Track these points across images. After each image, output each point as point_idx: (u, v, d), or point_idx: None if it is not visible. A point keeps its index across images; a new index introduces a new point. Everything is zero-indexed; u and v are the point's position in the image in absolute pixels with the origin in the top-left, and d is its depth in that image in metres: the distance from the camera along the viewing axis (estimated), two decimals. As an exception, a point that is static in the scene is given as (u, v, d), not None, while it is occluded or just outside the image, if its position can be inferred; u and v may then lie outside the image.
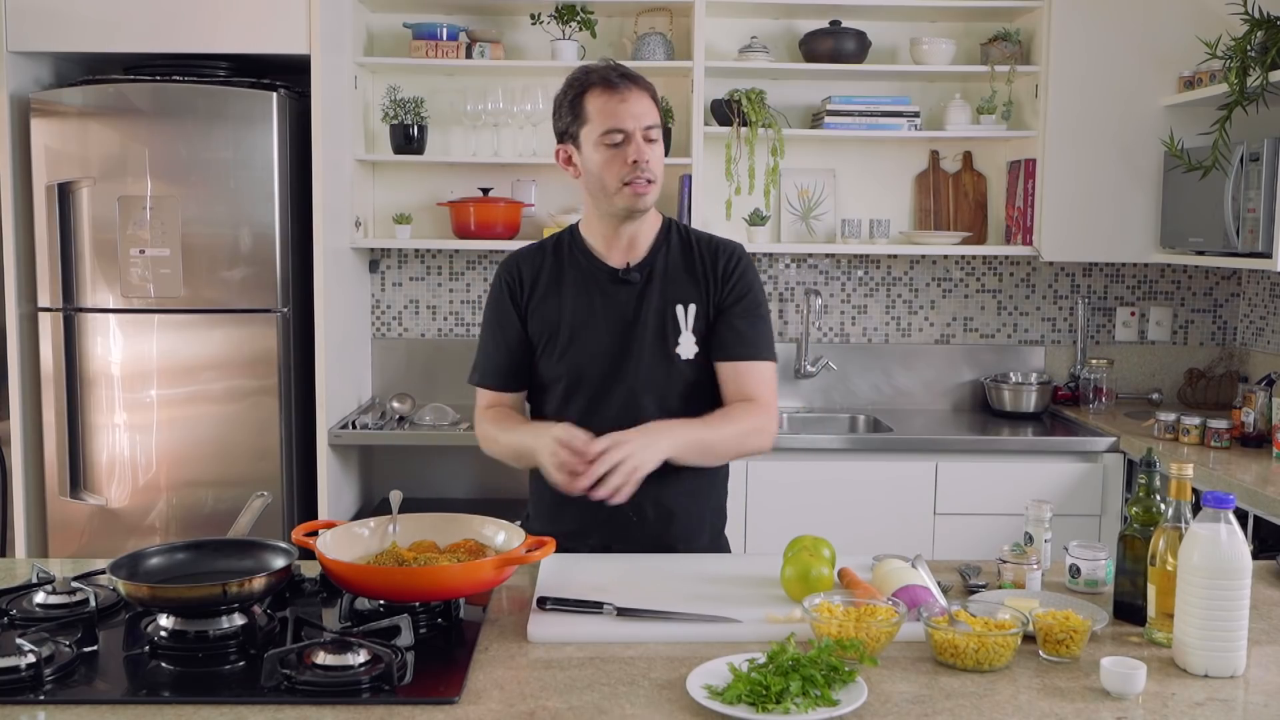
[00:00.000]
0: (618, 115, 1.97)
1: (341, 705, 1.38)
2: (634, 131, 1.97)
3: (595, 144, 1.98)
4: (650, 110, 2.00)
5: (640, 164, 1.97)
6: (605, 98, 1.98)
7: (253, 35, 3.26)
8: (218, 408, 3.31)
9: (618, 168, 1.98)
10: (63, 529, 3.34)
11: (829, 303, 4.00)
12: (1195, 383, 3.86)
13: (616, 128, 1.97)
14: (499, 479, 3.72)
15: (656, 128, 2.00)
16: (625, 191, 1.99)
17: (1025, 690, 1.45)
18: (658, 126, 2.01)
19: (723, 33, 3.82)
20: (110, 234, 3.25)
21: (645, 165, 1.97)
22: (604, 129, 1.97)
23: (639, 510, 2.05)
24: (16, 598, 1.71)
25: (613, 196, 2.00)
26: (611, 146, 1.97)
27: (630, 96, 1.98)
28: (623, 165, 1.97)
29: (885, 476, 3.39)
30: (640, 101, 1.99)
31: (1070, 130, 3.61)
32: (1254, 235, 3.11)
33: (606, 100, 1.97)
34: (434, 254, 3.96)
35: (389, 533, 1.79)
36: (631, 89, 1.99)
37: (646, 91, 2.01)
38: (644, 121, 1.98)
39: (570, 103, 2.01)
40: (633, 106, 1.97)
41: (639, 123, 1.97)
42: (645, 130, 1.98)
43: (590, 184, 2.03)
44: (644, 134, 1.98)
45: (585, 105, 1.99)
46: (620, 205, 2.01)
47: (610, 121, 1.97)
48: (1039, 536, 1.93)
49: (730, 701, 1.35)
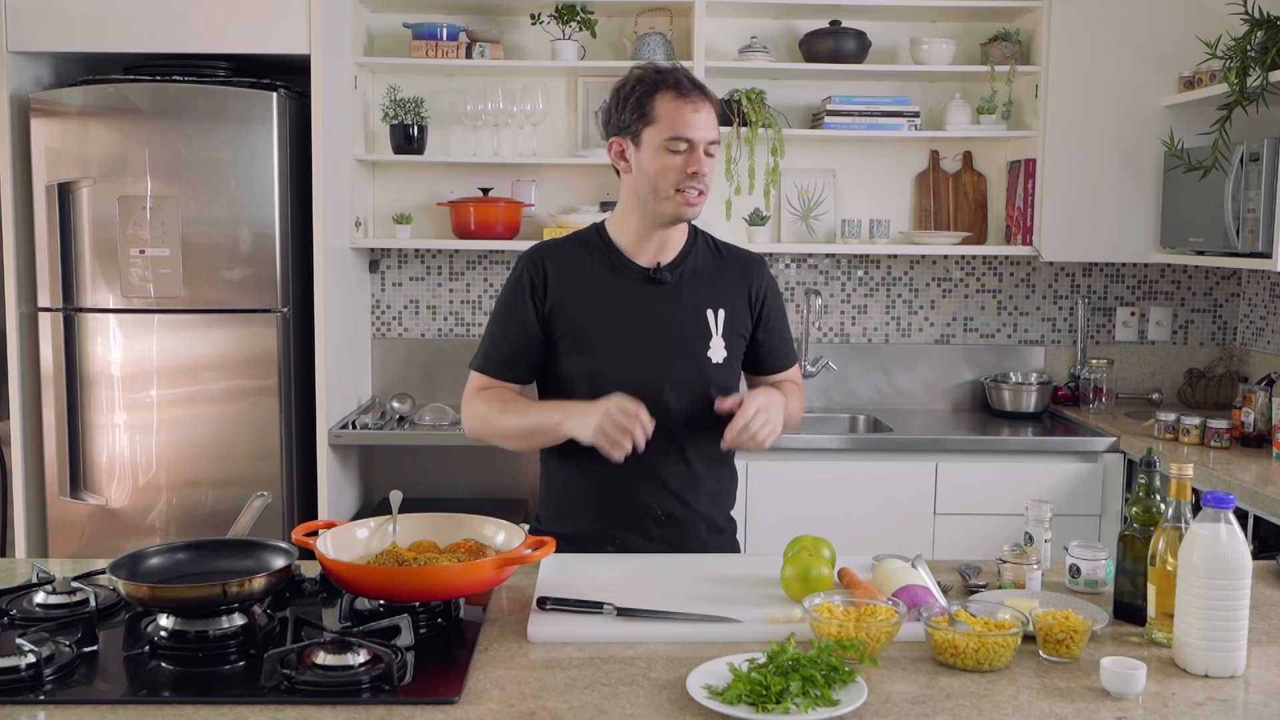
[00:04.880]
0: (688, 124, 1.96)
1: (341, 705, 1.38)
2: (699, 143, 1.97)
3: (658, 147, 1.97)
4: (714, 126, 2.00)
5: (699, 176, 1.97)
6: (678, 104, 1.97)
7: (253, 35, 3.26)
8: (218, 408, 3.31)
9: (675, 175, 1.97)
10: (63, 529, 3.34)
11: (829, 303, 4.00)
12: (1195, 383, 3.86)
13: (684, 135, 1.96)
14: (499, 479, 3.73)
15: (716, 144, 2.01)
16: (676, 199, 1.99)
17: (1025, 690, 1.45)
18: (717, 144, 2.02)
19: (723, 33, 3.82)
20: (110, 234, 3.25)
21: (701, 178, 1.98)
22: (671, 134, 1.96)
23: (666, 511, 2.06)
24: (16, 598, 1.71)
25: (662, 201, 2.00)
26: (674, 153, 1.97)
27: (702, 108, 1.98)
28: (680, 174, 1.97)
29: (885, 476, 3.39)
30: (709, 115, 1.99)
31: (1070, 130, 3.61)
32: (1254, 235, 3.11)
33: (679, 106, 1.96)
34: (434, 254, 3.96)
35: (389, 533, 1.79)
36: (703, 101, 1.99)
37: (714, 106, 2.02)
38: (709, 135, 1.99)
39: (638, 99, 1.99)
40: (703, 118, 1.98)
41: (705, 135, 1.98)
42: (708, 144, 1.98)
43: (640, 184, 2.02)
44: (706, 147, 1.98)
45: (655, 105, 1.97)
46: (668, 211, 2.01)
47: (678, 129, 1.96)
48: (1039, 536, 1.93)
49: (730, 701, 1.35)
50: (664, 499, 2.07)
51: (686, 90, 1.98)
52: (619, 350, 2.04)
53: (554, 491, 2.15)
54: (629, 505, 2.06)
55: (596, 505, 2.08)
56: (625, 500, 2.06)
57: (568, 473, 2.11)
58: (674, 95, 1.97)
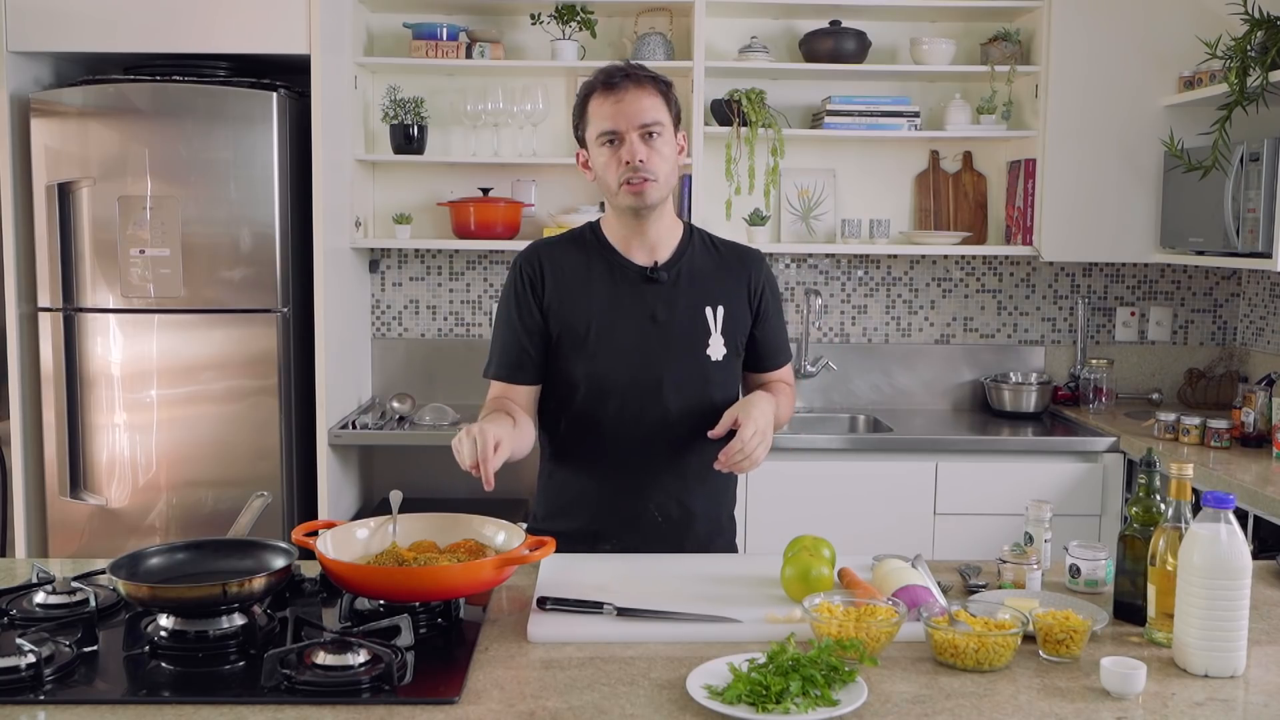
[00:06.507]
0: (610, 116, 1.96)
1: (341, 705, 1.38)
2: (625, 131, 1.95)
3: (595, 146, 2.00)
4: (650, 108, 1.97)
5: (634, 163, 1.95)
6: (601, 99, 1.98)
7: (253, 35, 3.26)
8: (218, 408, 3.31)
9: (615, 168, 1.97)
10: (63, 529, 3.34)
11: (829, 303, 4.00)
12: (1195, 383, 3.86)
13: (608, 129, 1.97)
14: (499, 479, 3.70)
15: (658, 124, 1.97)
16: (624, 191, 1.98)
17: (1025, 690, 1.45)
18: (660, 124, 1.97)
19: (723, 33, 3.82)
20: (110, 234, 3.25)
21: (640, 164, 1.95)
22: (599, 130, 1.98)
23: (664, 511, 2.06)
24: (16, 598, 1.71)
25: (616, 196, 2.00)
26: (607, 146, 1.97)
27: (626, 96, 1.96)
28: (619, 165, 1.97)
29: (885, 476, 3.39)
30: (637, 100, 1.96)
31: (1070, 130, 3.61)
32: (1254, 235, 3.11)
33: (602, 102, 1.98)
34: (434, 254, 3.96)
35: (389, 533, 1.79)
36: (629, 89, 1.96)
37: (649, 88, 1.98)
38: (638, 120, 1.95)
39: (578, 106, 2.03)
40: (626, 106, 1.95)
41: (631, 122, 1.95)
42: (642, 128, 1.95)
43: (600, 186, 2.04)
44: (641, 131, 1.95)
45: (587, 107, 2.00)
46: (622, 204, 2.00)
47: (603, 123, 1.97)
48: (1039, 536, 1.93)
49: (730, 701, 1.35)
50: (661, 499, 2.06)
51: (613, 83, 1.97)
52: (618, 350, 2.03)
53: (551, 490, 2.15)
54: (626, 505, 2.06)
55: (594, 505, 2.08)
56: (622, 500, 2.06)
57: (565, 472, 2.11)
58: (600, 91, 1.98)
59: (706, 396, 2.05)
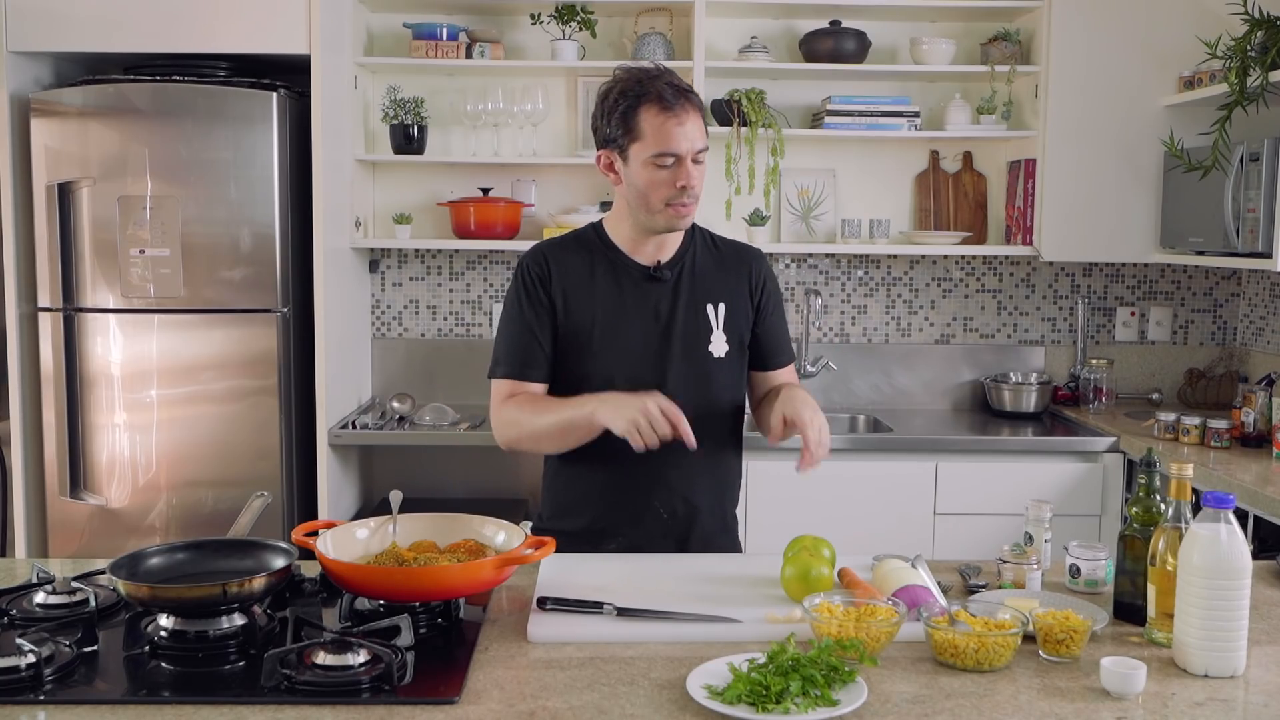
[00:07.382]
0: (673, 139, 1.94)
1: (341, 705, 1.38)
2: (686, 155, 1.95)
3: (645, 163, 1.96)
4: (701, 133, 1.98)
5: (688, 188, 1.96)
6: (662, 118, 1.94)
7: (253, 35, 3.26)
8: (218, 408, 3.31)
9: (665, 190, 1.96)
10: (63, 529, 3.34)
11: (829, 303, 4.00)
12: (1195, 383, 3.86)
13: (670, 151, 1.94)
14: (499, 479, 3.72)
15: (705, 150, 1.99)
16: (668, 212, 1.98)
17: (1025, 690, 1.45)
18: (706, 149, 1.99)
19: (723, 33, 3.82)
20: (110, 234, 3.25)
21: (691, 189, 1.97)
22: (657, 151, 1.94)
23: (669, 507, 2.06)
24: (16, 598, 1.71)
25: (654, 215, 1.99)
26: (661, 168, 1.95)
27: (686, 119, 1.95)
28: (670, 188, 1.96)
29: (885, 476, 3.39)
30: (694, 123, 1.96)
31: (1070, 130, 3.61)
32: (1254, 235, 3.11)
33: (664, 121, 1.94)
34: (434, 254, 3.96)
35: (389, 533, 1.79)
36: (687, 110, 1.95)
37: (699, 111, 1.98)
38: (697, 145, 1.96)
39: (623, 114, 1.96)
40: (688, 129, 1.95)
41: (692, 146, 1.95)
42: (695, 153, 1.96)
43: (631, 196, 2.01)
44: (693, 155, 1.96)
45: (639, 121, 1.95)
46: (660, 223, 2.01)
47: (664, 145, 1.94)
48: (1039, 536, 1.93)
49: (730, 701, 1.35)
50: (667, 496, 2.07)
51: (670, 102, 1.94)
52: (622, 348, 2.04)
53: (556, 488, 2.15)
54: (631, 503, 2.06)
55: (599, 503, 2.08)
56: (628, 497, 2.06)
57: (570, 470, 2.11)
58: (658, 109, 1.94)
59: (710, 393, 2.06)
